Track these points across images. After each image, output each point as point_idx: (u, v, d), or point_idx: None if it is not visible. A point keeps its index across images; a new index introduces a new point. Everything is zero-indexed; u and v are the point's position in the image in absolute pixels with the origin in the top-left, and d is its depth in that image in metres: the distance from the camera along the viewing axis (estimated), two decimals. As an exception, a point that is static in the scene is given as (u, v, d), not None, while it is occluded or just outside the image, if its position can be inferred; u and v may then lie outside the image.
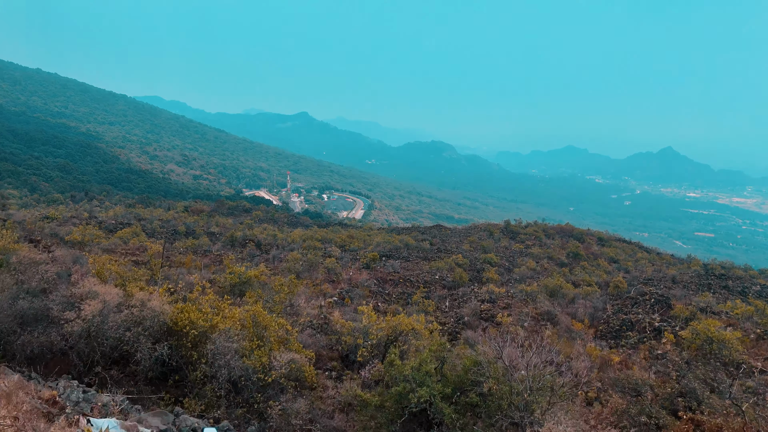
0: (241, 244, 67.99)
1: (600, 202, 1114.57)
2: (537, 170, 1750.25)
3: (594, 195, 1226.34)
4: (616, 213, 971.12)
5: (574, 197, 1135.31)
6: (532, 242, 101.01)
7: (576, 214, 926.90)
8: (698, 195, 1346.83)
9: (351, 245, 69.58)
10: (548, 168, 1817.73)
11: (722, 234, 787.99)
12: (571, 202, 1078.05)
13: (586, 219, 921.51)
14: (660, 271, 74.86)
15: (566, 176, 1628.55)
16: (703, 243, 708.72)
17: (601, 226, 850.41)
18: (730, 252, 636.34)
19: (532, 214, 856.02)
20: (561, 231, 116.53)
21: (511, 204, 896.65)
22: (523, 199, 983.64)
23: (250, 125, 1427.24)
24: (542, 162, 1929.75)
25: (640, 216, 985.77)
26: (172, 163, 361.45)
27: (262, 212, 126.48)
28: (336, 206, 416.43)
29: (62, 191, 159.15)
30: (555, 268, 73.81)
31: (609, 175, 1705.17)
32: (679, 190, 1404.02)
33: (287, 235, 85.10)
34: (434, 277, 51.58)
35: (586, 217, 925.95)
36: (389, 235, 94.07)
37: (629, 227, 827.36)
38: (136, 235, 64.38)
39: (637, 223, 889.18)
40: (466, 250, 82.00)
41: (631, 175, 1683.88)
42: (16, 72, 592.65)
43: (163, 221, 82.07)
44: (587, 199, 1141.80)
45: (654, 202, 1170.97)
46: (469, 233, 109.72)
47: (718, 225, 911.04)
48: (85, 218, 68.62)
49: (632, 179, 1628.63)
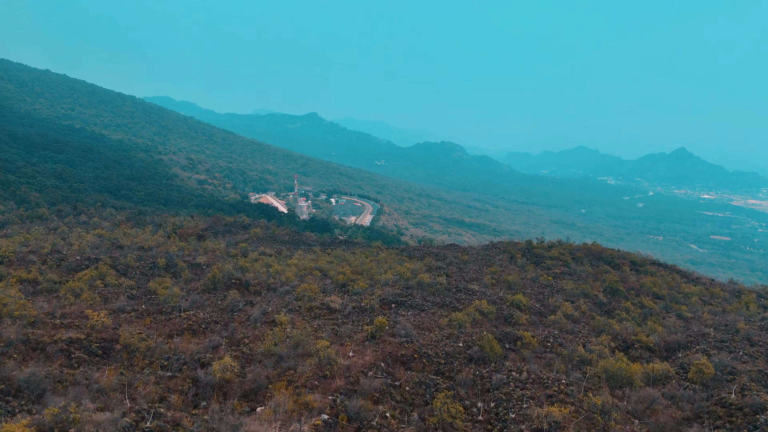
0: (225, 285, 57.85)
1: (612, 204, 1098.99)
2: (548, 171, 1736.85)
3: (606, 196, 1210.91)
4: (629, 215, 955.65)
5: (585, 199, 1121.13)
6: (560, 269, 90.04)
7: (588, 216, 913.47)
8: (712, 197, 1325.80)
9: (355, 286, 59.19)
10: (559, 169, 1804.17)
11: (738, 237, 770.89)
12: (583, 204, 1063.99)
13: (598, 221, 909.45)
14: (719, 313, 63.83)
15: (577, 177, 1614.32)
16: (720, 247, 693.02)
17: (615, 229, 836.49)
18: (748, 257, 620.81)
19: (543, 217, 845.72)
20: (589, 253, 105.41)
21: (522, 206, 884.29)
22: (534, 200, 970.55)
23: (260, 126, 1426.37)
24: (553, 163, 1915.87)
25: (653, 218, 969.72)
26: (177, 167, 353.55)
27: (261, 229, 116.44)
28: (344, 211, 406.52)
29: (53, 203, 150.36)
30: (595, 313, 62.99)
31: (621, 176, 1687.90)
32: (693, 192, 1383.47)
33: (284, 265, 74.84)
34: (457, 345, 41.04)
35: (598, 219, 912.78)
36: (400, 263, 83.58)
37: (643, 230, 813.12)
38: (100, 278, 54.46)
39: (650, 225, 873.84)
40: (488, 285, 71.34)
41: (644, 177, 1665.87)
42: (25, 74, 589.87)
43: (143, 251, 72.27)
44: (599, 201, 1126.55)
45: (667, 204, 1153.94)
46: (489, 257, 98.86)
47: (733, 228, 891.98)
48: (44, 254, 58.97)
49: (645, 180, 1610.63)
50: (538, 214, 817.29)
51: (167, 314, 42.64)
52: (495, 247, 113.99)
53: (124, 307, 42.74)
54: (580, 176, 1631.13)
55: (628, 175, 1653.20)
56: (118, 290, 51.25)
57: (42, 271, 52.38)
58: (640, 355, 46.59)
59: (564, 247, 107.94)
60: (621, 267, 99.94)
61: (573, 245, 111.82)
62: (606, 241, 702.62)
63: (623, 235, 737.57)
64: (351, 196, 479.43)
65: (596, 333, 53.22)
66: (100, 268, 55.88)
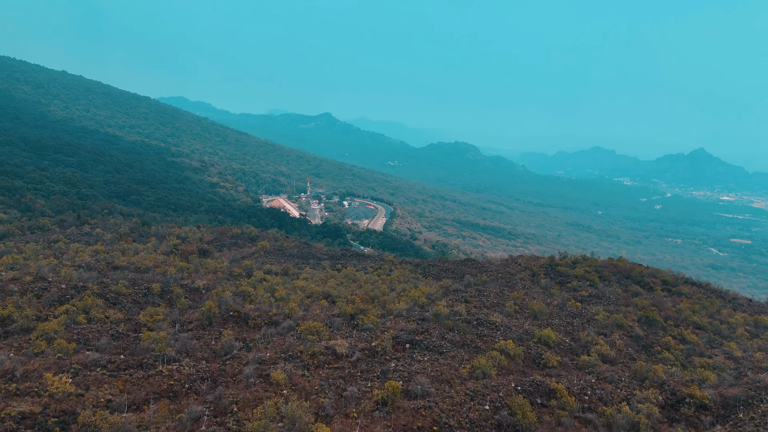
0: (223, 319, 52.48)
1: (629, 206, 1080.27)
2: (563, 171, 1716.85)
3: (623, 198, 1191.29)
4: (646, 217, 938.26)
5: (602, 200, 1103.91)
6: (587, 290, 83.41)
7: (605, 218, 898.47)
8: (732, 198, 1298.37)
9: (365, 319, 53.35)
10: (574, 169, 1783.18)
11: (759, 241, 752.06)
12: (599, 206, 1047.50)
13: (615, 224, 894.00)
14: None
15: (593, 178, 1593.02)
16: (740, 250, 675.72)
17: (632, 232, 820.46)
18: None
19: (559, 219, 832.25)
20: (616, 270, 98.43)
21: (537, 208, 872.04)
22: (549, 202, 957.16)
23: (274, 126, 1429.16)
24: (568, 163, 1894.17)
25: (671, 220, 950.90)
26: (189, 170, 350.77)
27: (269, 242, 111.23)
28: (357, 214, 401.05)
29: (58, 210, 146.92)
30: (632, 349, 56.55)
31: (638, 177, 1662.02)
32: (712, 194, 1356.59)
33: (290, 289, 69.35)
34: (483, 407, 35.06)
35: (615, 221, 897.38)
36: (414, 284, 77.67)
37: (661, 232, 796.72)
38: (84, 311, 49.37)
39: (668, 227, 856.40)
40: (511, 314, 65.12)
41: (661, 178, 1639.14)
42: (41, 75, 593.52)
43: (139, 273, 67.30)
44: (616, 202, 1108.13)
45: (686, 206, 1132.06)
46: (509, 275, 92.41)
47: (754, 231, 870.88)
48: (27, 282, 54.10)
49: (662, 181, 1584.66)
50: (554, 216, 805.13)
51: (147, 368, 37.24)
52: (515, 262, 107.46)
53: (98, 360, 37.34)
54: (596, 177, 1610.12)
55: (645, 176, 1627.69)
56: (101, 328, 46.12)
57: (20, 305, 47.49)
58: (695, 414, 40.18)
59: (589, 264, 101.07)
60: (652, 287, 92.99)
61: (598, 261, 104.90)
62: (623, 245, 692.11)
63: (641, 238, 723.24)
64: (364, 199, 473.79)
65: (639, 380, 46.83)
66: (85, 299, 50.90)
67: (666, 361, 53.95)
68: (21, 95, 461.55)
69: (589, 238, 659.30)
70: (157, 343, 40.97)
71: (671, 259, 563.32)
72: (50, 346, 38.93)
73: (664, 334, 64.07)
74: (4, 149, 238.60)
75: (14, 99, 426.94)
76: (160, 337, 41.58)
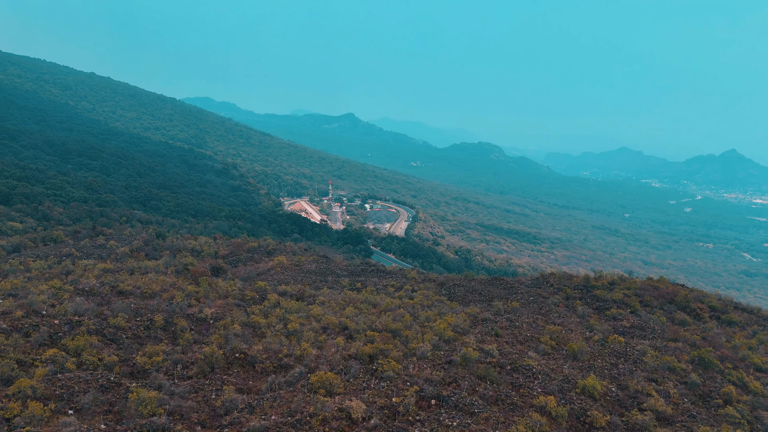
0: (227, 363, 47.33)
1: (657, 209, 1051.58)
2: (588, 172, 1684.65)
3: (651, 200, 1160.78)
4: (675, 221, 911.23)
5: (629, 202, 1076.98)
6: (629, 320, 76.13)
7: (632, 222, 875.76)
8: (766, 201, 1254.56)
9: (385, 366, 47.49)
10: (600, 171, 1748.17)
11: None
12: (627, 208, 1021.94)
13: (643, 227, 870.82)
14: None
15: (620, 180, 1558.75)
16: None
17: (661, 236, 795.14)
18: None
19: (585, 222, 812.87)
20: (658, 294, 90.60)
21: (563, 210, 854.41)
22: (574, 204, 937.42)
23: (297, 126, 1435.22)
24: (594, 164, 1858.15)
25: (702, 224, 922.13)
26: (211, 173, 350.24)
27: (286, 257, 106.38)
28: (378, 218, 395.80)
29: (76, 219, 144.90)
30: (690, 404, 49.54)
31: (666, 178, 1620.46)
32: (744, 196, 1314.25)
33: (304, 317, 64.16)
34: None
35: (643, 224, 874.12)
36: (439, 313, 71.71)
37: (691, 237, 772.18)
38: (76, 353, 44.74)
39: (699, 232, 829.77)
40: (547, 353, 58.61)
41: (691, 180, 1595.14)
42: (70, 77, 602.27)
43: (144, 299, 62.78)
44: (643, 205, 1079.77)
45: (717, 209, 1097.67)
46: (541, 299, 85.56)
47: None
48: (17, 318, 49.82)
49: (692, 183, 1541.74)
50: (580, 218, 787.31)
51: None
52: (546, 281, 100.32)
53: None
54: (623, 178, 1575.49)
55: (674, 177, 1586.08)
56: (90, 377, 41.37)
57: (4, 349, 43.10)
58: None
59: (628, 286, 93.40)
60: (699, 314, 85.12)
61: (637, 282, 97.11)
62: (652, 249, 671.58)
63: (670, 242, 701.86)
64: (386, 202, 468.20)
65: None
66: (77, 339, 46.33)
67: (730, 419, 46.97)
68: (49, 96, 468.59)
69: (617, 242, 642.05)
70: (146, 406, 35.96)
71: (703, 265, 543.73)
72: (23, 411, 34.11)
73: (723, 379, 56.78)
74: (29, 153, 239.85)
75: (42, 101, 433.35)
76: (150, 399, 36.50)
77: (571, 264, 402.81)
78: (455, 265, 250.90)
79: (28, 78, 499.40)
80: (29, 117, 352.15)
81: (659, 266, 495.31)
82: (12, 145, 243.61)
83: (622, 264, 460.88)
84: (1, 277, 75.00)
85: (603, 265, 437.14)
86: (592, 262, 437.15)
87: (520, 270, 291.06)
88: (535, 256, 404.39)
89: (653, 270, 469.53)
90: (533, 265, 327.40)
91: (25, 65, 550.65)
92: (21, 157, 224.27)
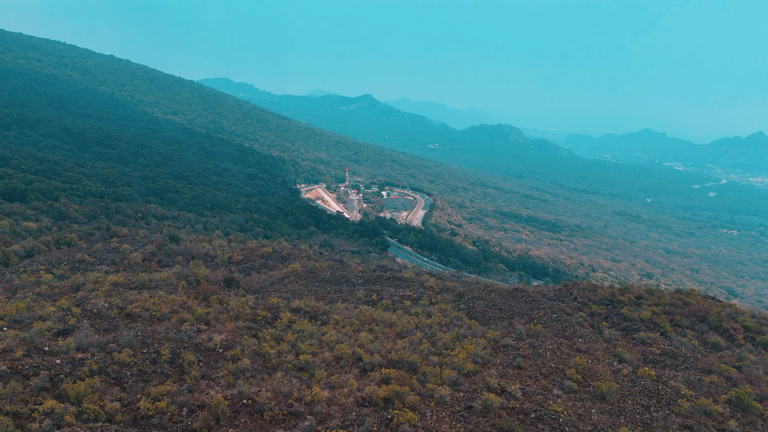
0: (233, 411, 44.98)
1: (680, 193, 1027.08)
2: (610, 155, 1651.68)
3: (673, 184, 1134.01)
4: (699, 206, 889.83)
5: (651, 186, 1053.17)
6: (659, 346, 72.16)
7: (654, 207, 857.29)
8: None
9: (401, 418, 44.84)
10: (622, 153, 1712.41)
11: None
12: (648, 192, 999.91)
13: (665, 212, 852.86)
14: None
15: (642, 163, 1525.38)
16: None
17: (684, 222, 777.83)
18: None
19: (605, 208, 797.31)
20: (689, 312, 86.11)
21: (583, 195, 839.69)
22: (595, 188, 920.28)
23: (315, 108, 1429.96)
24: (616, 146, 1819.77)
25: (726, 209, 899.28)
26: (228, 161, 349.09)
27: (300, 263, 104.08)
28: (395, 205, 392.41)
29: (92, 216, 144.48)
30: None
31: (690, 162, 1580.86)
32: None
33: (317, 347, 61.68)
34: None
35: (665, 209, 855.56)
36: (457, 337, 68.72)
37: (715, 222, 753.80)
38: (76, 402, 42.72)
39: (723, 217, 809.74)
40: (573, 390, 55.27)
41: (716, 163, 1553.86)
42: (89, 60, 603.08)
43: (152, 324, 60.81)
44: (666, 189, 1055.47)
45: (743, 194, 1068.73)
46: (564, 314, 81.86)
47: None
48: (18, 358, 48.02)
49: (717, 167, 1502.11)
50: (600, 204, 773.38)
51: None
52: (569, 293, 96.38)
53: None
54: (645, 161, 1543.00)
55: (698, 160, 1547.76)
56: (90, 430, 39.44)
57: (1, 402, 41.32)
58: None
59: (656, 302, 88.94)
60: (733, 336, 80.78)
61: (666, 297, 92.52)
62: (675, 236, 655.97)
63: (693, 229, 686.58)
64: (403, 189, 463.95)
65: None
66: (78, 384, 44.36)
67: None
68: (68, 80, 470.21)
69: (638, 229, 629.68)
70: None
71: (727, 254, 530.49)
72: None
73: (764, 425, 52.92)
74: (48, 142, 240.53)
75: (62, 86, 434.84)
76: None
77: (591, 253, 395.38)
78: (473, 258, 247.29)
79: (48, 62, 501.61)
80: (48, 103, 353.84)
81: (682, 255, 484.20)
82: (31, 134, 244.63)
83: (643, 253, 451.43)
84: (10, 293, 73.80)
85: (624, 255, 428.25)
86: (613, 251, 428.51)
87: (538, 262, 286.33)
88: (554, 245, 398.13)
89: (675, 259, 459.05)
90: (552, 255, 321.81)
91: (46, 49, 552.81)
92: (39, 147, 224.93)
